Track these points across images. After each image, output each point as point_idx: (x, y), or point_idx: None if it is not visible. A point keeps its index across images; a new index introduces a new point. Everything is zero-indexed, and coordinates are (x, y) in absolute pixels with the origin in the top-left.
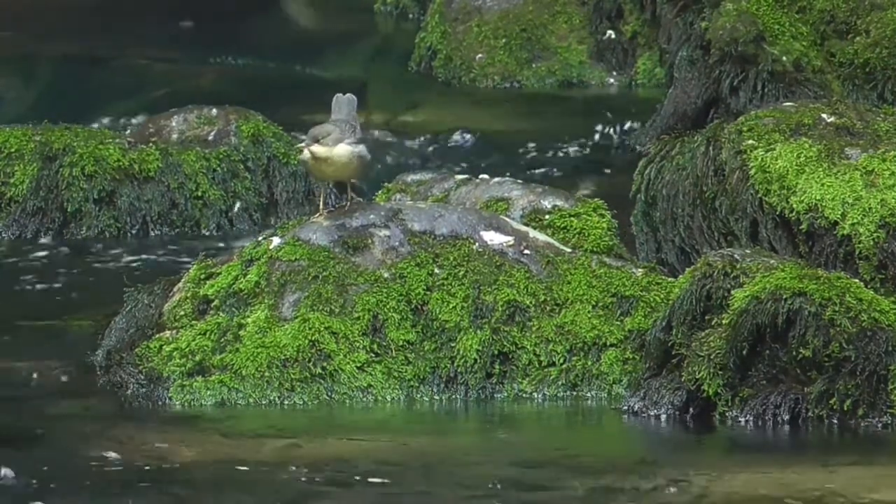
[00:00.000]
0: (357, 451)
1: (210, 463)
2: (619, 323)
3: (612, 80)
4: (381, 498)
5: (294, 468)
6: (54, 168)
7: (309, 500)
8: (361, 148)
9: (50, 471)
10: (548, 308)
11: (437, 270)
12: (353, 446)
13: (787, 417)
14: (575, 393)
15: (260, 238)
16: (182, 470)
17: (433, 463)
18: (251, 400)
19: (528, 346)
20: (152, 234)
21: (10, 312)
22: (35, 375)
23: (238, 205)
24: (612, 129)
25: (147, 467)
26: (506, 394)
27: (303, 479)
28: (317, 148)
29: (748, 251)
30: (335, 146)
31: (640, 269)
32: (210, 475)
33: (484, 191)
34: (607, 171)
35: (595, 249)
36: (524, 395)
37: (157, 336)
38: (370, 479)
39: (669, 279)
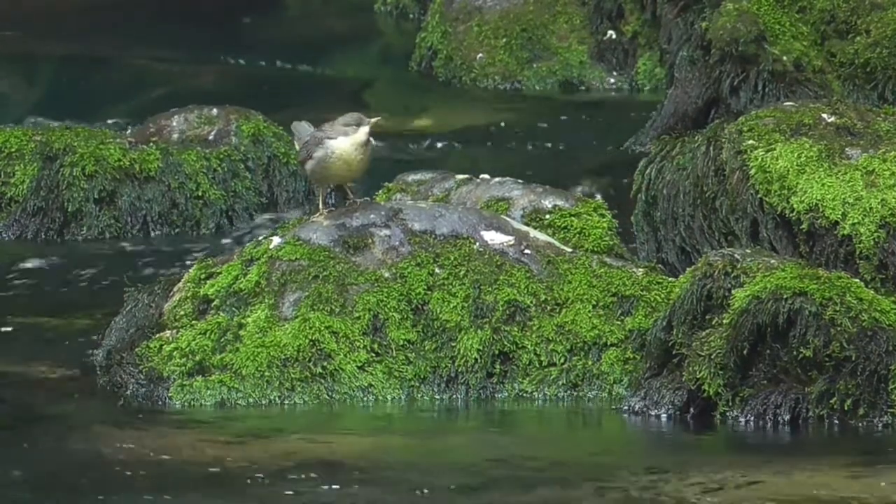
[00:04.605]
0: (357, 451)
1: (210, 463)
2: (619, 323)
3: (612, 81)
4: (381, 497)
5: (294, 468)
6: (55, 168)
7: (309, 499)
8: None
9: (50, 471)
10: (548, 308)
11: (437, 270)
12: (353, 446)
13: (787, 417)
14: (575, 393)
15: (260, 238)
16: (182, 470)
17: (433, 463)
18: (251, 400)
19: (529, 346)
20: (153, 233)
21: (10, 312)
22: (35, 375)
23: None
24: (612, 129)
25: (147, 467)
26: (506, 393)
27: (303, 478)
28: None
29: (749, 251)
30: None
31: (640, 269)
32: (210, 475)
33: (484, 190)
34: (607, 171)
35: (595, 249)
36: (525, 395)
37: (157, 336)
38: (370, 479)
39: (670, 279)
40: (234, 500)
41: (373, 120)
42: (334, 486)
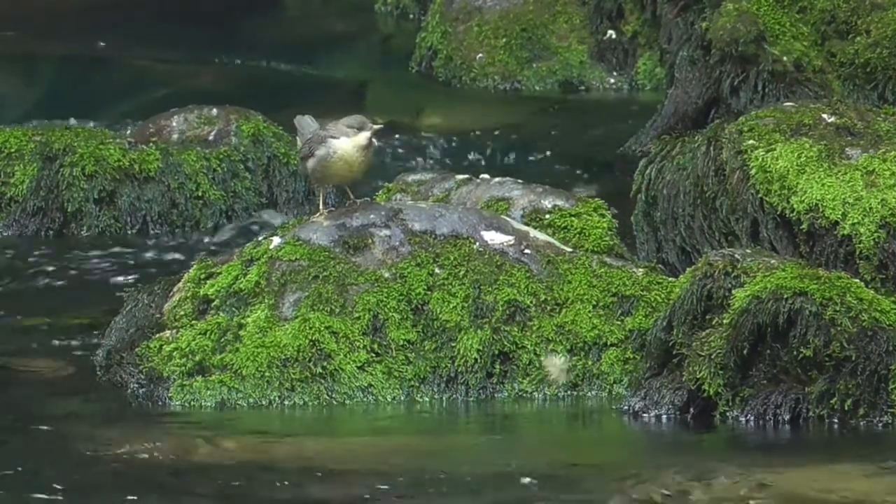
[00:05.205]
0: (357, 451)
1: (210, 463)
2: (619, 323)
3: (612, 81)
4: (381, 498)
5: (294, 468)
6: (55, 168)
7: (309, 500)
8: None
9: (50, 470)
10: (548, 308)
11: (437, 270)
12: (352, 446)
13: (787, 417)
14: (575, 393)
15: (260, 238)
16: (182, 470)
17: (433, 463)
18: (251, 400)
19: (529, 346)
20: (152, 234)
21: (10, 312)
22: (35, 375)
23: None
24: (612, 129)
25: (147, 467)
26: (506, 393)
27: (303, 479)
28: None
29: (749, 251)
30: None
31: (640, 269)
32: (210, 475)
33: (484, 191)
34: (607, 171)
35: (595, 249)
36: (524, 395)
37: (157, 336)
38: (370, 479)
39: (670, 279)
40: (234, 500)
41: (375, 127)
42: (335, 487)
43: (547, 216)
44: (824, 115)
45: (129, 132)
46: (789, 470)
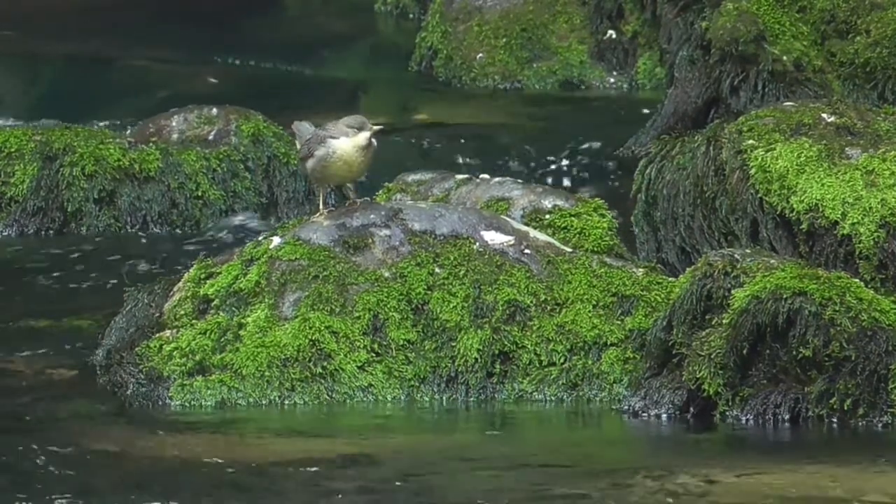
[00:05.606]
0: (358, 451)
1: (210, 463)
2: (619, 322)
3: (612, 80)
4: (381, 498)
5: (294, 468)
6: (55, 168)
7: (309, 500)
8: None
9: (50, 470)
10: (548, 308)
11: (437, 270)
12: (353, 446)
13: (787, 417)
14: (575, 392)
15: (260, 238)
16: (182, 470)
17: (433, 463)
18: (251, 400)
19: (529, 346)
20: (152, 233)
21: (10, 312)
22: (35, 375)
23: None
24: (612, 129)
25: (147, 467)
26: (506, 393)
27: (303, 479)
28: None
29: (748, 251)
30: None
31: (640, 269)
32: (210, 475)
33: (484, 191)
34: (607, 171)
35: (595, 249)
36: (525, 395)
37: (158, 336)
38: (369, 479)
39: (670, 279)
40: (233, 500)
41: (375, 128)
42: (335, 487)
43: (547, 216)
44: (824, 115)
45: (129, 132)
46: (789, 470)
